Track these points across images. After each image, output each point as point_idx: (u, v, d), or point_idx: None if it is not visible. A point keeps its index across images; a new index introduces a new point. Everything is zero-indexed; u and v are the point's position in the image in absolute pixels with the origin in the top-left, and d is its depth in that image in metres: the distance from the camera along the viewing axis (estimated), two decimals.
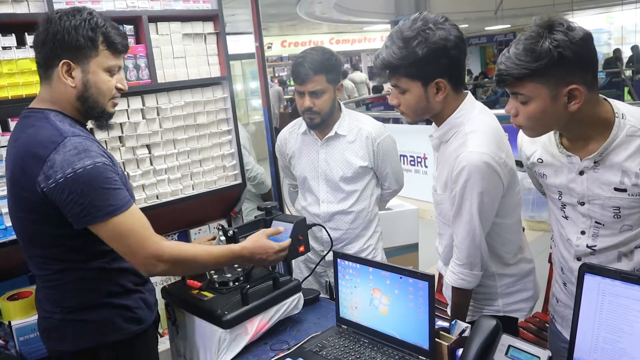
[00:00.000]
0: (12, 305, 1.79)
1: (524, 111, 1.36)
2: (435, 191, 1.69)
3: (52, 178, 1.31)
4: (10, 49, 1.83)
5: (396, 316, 1.49)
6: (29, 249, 1.47)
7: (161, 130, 2.25)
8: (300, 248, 1.84)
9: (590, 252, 1.45)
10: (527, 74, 1.29)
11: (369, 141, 2.13)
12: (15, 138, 1.43)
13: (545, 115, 1.33)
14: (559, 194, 1.49)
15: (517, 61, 1.29)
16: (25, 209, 1.40)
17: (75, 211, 1.33)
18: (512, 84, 1.33)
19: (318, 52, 2.06)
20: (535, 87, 1.30)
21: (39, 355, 1.78)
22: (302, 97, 2.09)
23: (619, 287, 1.18)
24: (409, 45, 1.48)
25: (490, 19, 12.55)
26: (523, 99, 1.34)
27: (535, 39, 1.28)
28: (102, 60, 1.43)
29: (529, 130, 1.42)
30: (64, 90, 1.42)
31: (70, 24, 1.38)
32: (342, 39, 16.56)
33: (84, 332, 1.46)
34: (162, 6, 2.23)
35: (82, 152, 1.33)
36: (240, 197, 2.61)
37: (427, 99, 1.55)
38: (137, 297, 1.55)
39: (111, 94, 1.47)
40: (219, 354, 1.61)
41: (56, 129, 1.37)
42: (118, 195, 1.37)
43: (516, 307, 1.71)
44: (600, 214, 1.41)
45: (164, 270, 1.45)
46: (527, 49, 1.28)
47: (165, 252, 1.41)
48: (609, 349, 1.19)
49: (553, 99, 1.30)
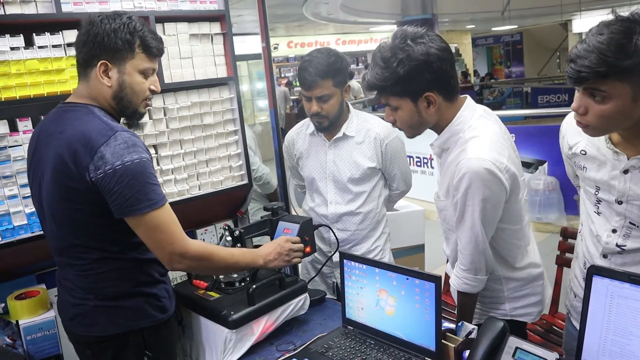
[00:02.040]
0: (19, 304, 1.80)
1: (596, 109, 1.26)
2: (439, 198, 1.68)
3: (102, 169, 1.38)
4: (19, 50, 1.84)
5: (402, 317, 1.49)
6: (68, 238, 1.51)
7: (168, 130, 2.25)
8: (307, 249, 1.84)
9: (619, 251, 1.43)
10: (616, 71, 1.18)
11: (378, 142, 2.12)
12: (58, 130, 1.47)
13: (620, 115, 1.25)
14: (596, 189, 1.46)
15: (604, 57, 1.17)
16: (71, 198, 1.44)
17: (119, 202, 1.40)
18: (594, 80, 1.21)
19: (323, 56, 2.04)
20: (619, 85, 1.20)
21: (46, 354, 1.79)
22: (310, 102, 2.08)
23: (628, 289, 1.17)
24: (390, 65, 1.46)
25: (497, 20, 12.52)
26: (601, 97, 1.23)
27: (626, 33, 1.16)
28: (138, 63, 1.51)
29: (596, 130, 1.32)
30: (100, 89, 1.50)
31: (110, 27, 1.46)
32: (348, 40, 16.55)
33: (116, 318, 1.53)
34: (169, 7, 2.24)
35: (131, 147, 1.41)
36: (246, 197, 2.61)
37: (420, 114, 1.53)
38: (162, 287, 1.61)
39: (144, 95, 1.55)
40: (225, 354, 1.61)
41: (105, 123, 1.44)
42: (157, 190, 1.45)
43: (523, 311, 1.70)
44: (637, 215, 1.38)
45: (187, 267, 1.54)
46: (617, 44, 1.16)
47: (191, 249, 1.49)
48: (617, 352, 1.18)
49: (633, 100, 1.22)
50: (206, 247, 1.56)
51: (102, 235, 1.49)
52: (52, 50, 1.91)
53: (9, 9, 1.83)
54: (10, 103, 1.84)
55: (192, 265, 1.54)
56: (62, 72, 1.92)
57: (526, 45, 17.43)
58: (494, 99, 12.17)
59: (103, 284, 1.52)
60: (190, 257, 1.49)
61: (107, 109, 1.52)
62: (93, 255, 1.50)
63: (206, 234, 2.51)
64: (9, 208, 1.86)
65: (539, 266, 1.72)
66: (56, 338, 1.81)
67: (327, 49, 2.09)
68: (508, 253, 1.65)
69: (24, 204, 1.88)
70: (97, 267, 1.50)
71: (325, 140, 2.18)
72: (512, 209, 1.57)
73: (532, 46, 17.25)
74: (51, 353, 1.80)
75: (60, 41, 1.92)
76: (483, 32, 18.18)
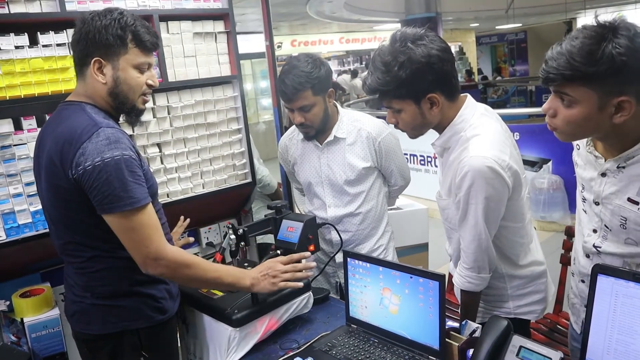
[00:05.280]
0: (24, 302, 1.80)
1: (564, 114, 1.26)
2: (440, 197, 1.68)
3: (82, 165, 1.37)
4: (23, 48, 1.85)
5: (406, 316, 1.49)
6: (64, 236, 1.52)
7: (172, 128, 2.26)
8: (310, 247, 1.84)
9: (596, 252, 1.43)
10: (580, 76, 1.18)
11: (370, 141, 2.09)
12: (52, 129, 1.47)
13: (587, 122, 1.24)
14: (582, 187, 1.46)
15: (572, 60, 1.17)
16: (61, 196, 1.45)
17: (98, 198, 1.39)
18: (560, 83, 1.22)
19: (302, 65, 1.96)
20: (585, 91, 1.20)
21: (50, 352, 1.80)
22: (293, 113, 2.05)
23: (633, 288, 1.17)
24: (391, 70, 1.45)
25: (501, 18, 12.46)
26: (568, 101, 1.23)
27: (597, 39, 1.15)
28: (132, 58, 1.49)
29: (564, 134, 1.32)
30: (96, 86, 1.49)
31: (101, 24, 1.45)
32: (352, 38, 16.52)
33: (111, 317, 1.52)
34: (173, 5, 2.24)
35: (113, 143, 1.39)
36: (250, 196, 2.61)
37: (423, 115, 1.53)
38: (162, 287, 1.59)
39: (141, 90, 1.54)
40: (229, 352, 1.61)
41: (91, 119, 1.43)
42: (139, 190, 1.42)
43: (527, 309, 1.69)
44: (609, 219, 1.37)
45: (161, 273, 1.49)
46: (586, 50, 1.16)
47: (168, 255, 1.46)
48: (622, 351, 1.18)
49: (600, 108, 1.20)
50: (186, 256, 1.51)
51: (94, 234, 1.47)
52: (56, 49, 1.91)
53: (14, 8, 1.84)
54: (14, 102, 1.85)
55: (166, 272, 1.48)
56: (66, 70, 1.93)
57: (530, 43, 17.35)
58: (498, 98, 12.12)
59: (97, 282, 1.51)
60: (166, 263, 1.45)
61: (104, 107, 1.51)
62: (87, 253, 1.49)
63: (210, 232, 2.52)
64: (13, 206, 1.86)
65: (542, 264, 1.72)
66: (61, 336, 1.82)
67: (305, 58, 2.00)
68: (511, 251, 1.64)
69: (28, 203, 1.89)
70: (91, 266, 1.50)
71: (318, 145, 2.14)
72: (514, 206, 1.57)
73: (536, 44, 17.17)
74: (56, 351, 1.81)
75: (64, 40, 1.92)
76: (487, 31, 18.12)
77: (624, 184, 1.31)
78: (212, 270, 1.55)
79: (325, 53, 16.57)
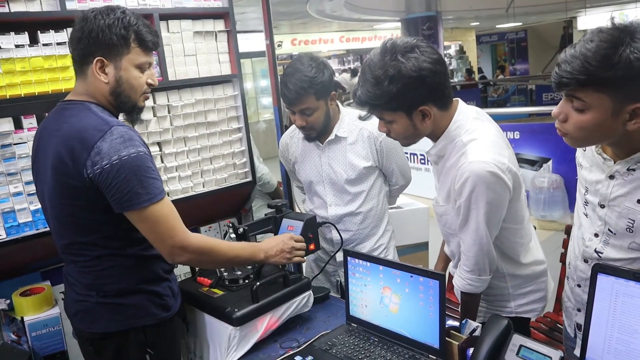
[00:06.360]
0: (24, 301, 1.81)
1: (576, 119, 1.21)
2: (438, 203, 1.66)
3: (99, 164, 1.37)
4: (23, 47, 1.85)
5: (406, 315, 1.49)
6: (68, 235, 1.51)
7: (172, 127, 2.26)
8: (311, 246, 1.84)
9: (597, 257, 1.41)
10: (595, 81, 1.13)
11: (371, 140, 2.09)
12: (56, 128, 1.47)
13: (599, 129, 1.20)
14: (585, 189, 1.44)
15: (587, 64, 1.12)
16: (70, 195, 1.44)
17: (117, 197, 1.40)
18: (574, 87, 1.17)
19: (305, 69, 1.94)
20: (598, 97, 1.15)
21: (50, 351, 1.80)
22: (294, 115, 2.04)
23: (633, 287, 1.17)
24: (382, 84, 1.42)
25: (501, 17, 12.45)
26: (580, 106, 1.19)
27: (613, 43, 1.11)
28: (134, 57, 1.49)
29: (575, 140, 1.28)
30: (97, 85, 1.49)
31: (104, 23, 1.44)
32: (352, 37, 16.50)
33: (117, 315, 1.53)
34: (173, 4, 2.24)
35: (128, 141, 1.40)
36: (250, 194, 2.61)
37: (415, 126, 1.51)
38: (165, 285, 1.60)
39: (142, 90, 1.54)
40: (229, 351, 1.61)
41: (101, 119, 1.43)
42: (156, 184, 1.44)
43: (528, 307, 1.70)
44: (615, 222, 1.35)
45: (188, 260, 1.53)
46: (602, 54, 1.11)
47: (193, 242, 1.50)
48: (623, 350, 1.18)
49: (614, 114, 1.16)
50: (207, 241, 1.57)
51: (103, 232, 1.48)
52: (56, 47, 1.91)
53: (14, 7, 1.84)
54: (15, 100, 1.85)
55: (193, 259, 1.54)
56: (66, 69, 1.93)
57: (530, 42, 17.35)
58: (498, 97, 12.12)
59: (104, 280, 1.51)
60: (192, 250, 1.49)
61: (105, 105, 1.51)
62: (94, 252, 1.49)
63: (210, 231, 2.52)
64: (14, 205, 1.87)
65: (542, 263, 1.72)
66: (61, 335, 1.82)
67: (308, 61, 1.98)
68: (512, 251, 1.64)
69: (28, 201, 1.89)
70: (98, 264, 1.50)
71: (319, 144, 2.14)
72: (514, 208, 1.56)
73: (536, 43, 17.17)
74: (56, 349, 1.81)
75: (64, 39, 1.92)
76: (487, 30, 18.11)
77: (634, 186, 1.29)
78: (230, 250, 1.61)
79: (326, 52, 16.57)
